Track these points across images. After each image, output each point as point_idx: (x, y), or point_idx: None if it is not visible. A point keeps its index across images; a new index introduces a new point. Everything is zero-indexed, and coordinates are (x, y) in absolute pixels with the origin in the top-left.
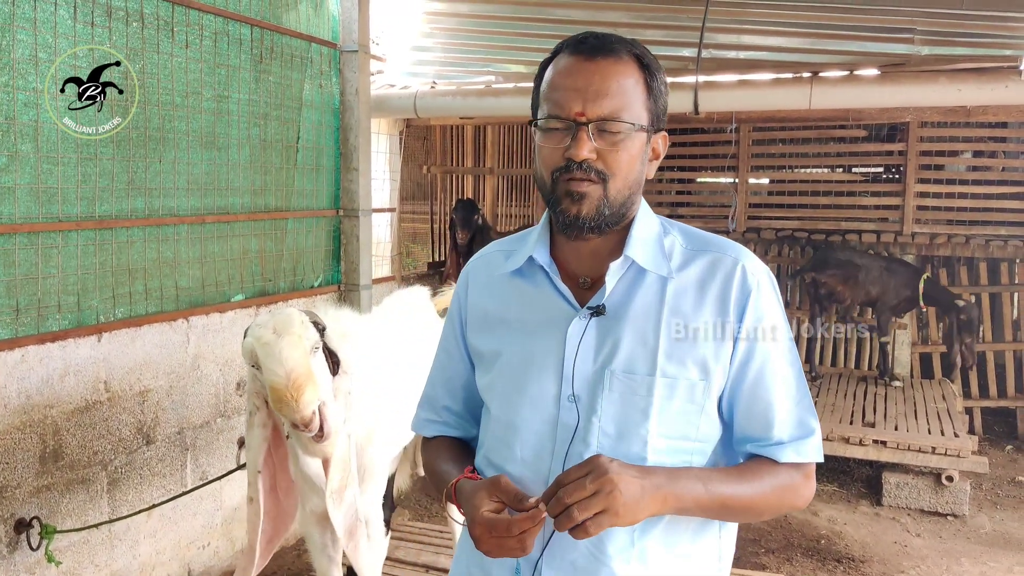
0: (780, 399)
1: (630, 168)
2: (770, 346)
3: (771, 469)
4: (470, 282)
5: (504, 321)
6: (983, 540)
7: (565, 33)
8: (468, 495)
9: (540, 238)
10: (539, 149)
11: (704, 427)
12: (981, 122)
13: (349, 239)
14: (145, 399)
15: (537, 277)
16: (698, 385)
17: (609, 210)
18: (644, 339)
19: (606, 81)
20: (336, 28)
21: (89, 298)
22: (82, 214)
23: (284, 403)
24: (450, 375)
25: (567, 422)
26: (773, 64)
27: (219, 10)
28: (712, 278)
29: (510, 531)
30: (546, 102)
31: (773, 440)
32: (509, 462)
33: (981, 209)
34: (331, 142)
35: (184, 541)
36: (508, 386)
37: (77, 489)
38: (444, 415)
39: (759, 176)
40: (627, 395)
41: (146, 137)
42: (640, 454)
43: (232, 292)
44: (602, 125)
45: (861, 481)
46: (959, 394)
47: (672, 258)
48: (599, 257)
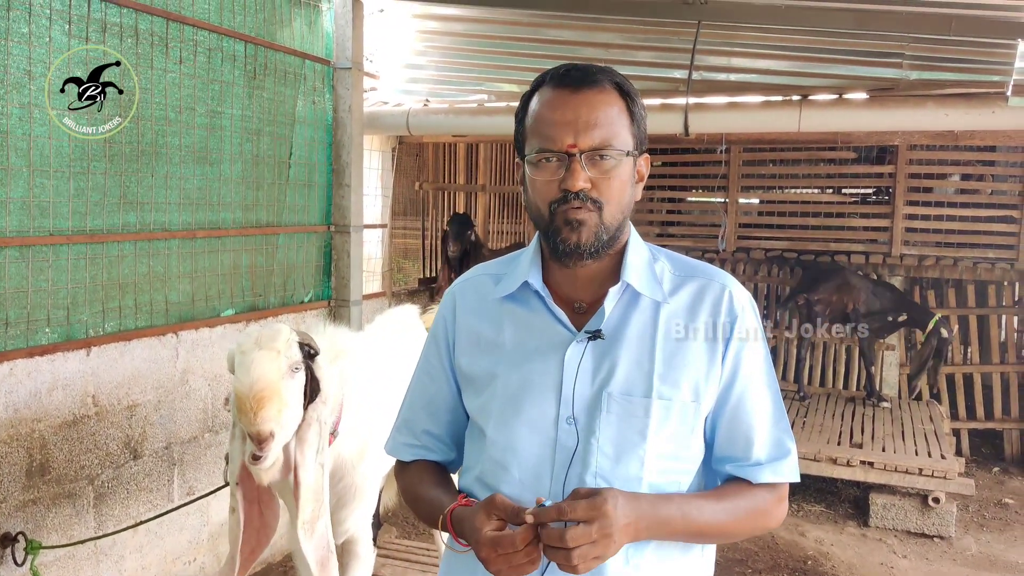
0: (760, 421)
1: (622, 193)
2: (752, 369)
3: (746, 493)
4: (458, 305)
5: (498, 345)
6: (969, 562)
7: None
8: (468, 520)
9: (533, 263)
10: (531, 182)
11: (694, 447)
12: (969, 146)
13: (340, 255)
14: (133, 413)
15: (531, 302)
16: (690, 406)
17: (607, 235)
18: (640, 362)
19: (594, 112)
20: (330, 45)
21: (79, 312)
22: (74, 228)
23: (243, 413)
24: (432, 398)
25: (566, 444)
26: (763, 87)
27: (213, 26)
28: (701, 303)
29: (515, 545)
30: (535, 136)
31: (751, 461)
32: (506, 484)
33: (969, 232)
34: (323, 158)
35: (170, 556)
36: (505, 409)
37: (63, 503)
38: (424, 439)
39: (749, 196)
40: (625, 417)
41: (139, 151)
42: (637, 474)
43: (222, 307)
44: (594, 155)
45: (848, 502)
46: (946, 416)
47: (663, 283)
48: (594, 282)
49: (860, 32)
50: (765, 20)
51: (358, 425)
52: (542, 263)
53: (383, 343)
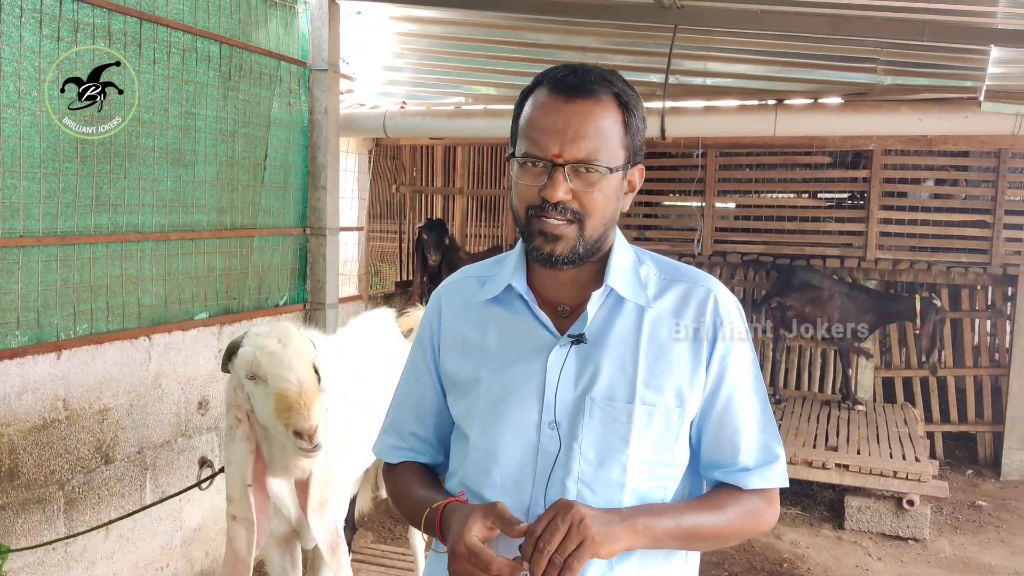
0: (747, 426)
1: (605, 207)
2: (739, 374)
3: (736, 497)
4: (443, 308)
5: (482, 348)
6: (943, 564)
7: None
8: (459, 516)
9: (517, 266)
10: (515, 183)
11: (679, 453)
12: (943, 151)
13: (316, 258)
14: (105, 418)
15: (515, 305)
16: (674, 412)
17: (584, 248)
18: (623, 367)
19: (584, 123)
20: (306, 47)
21: (50, 315)
22: (45, 230)
23: (295, 412)
24: (418, 401)
25: (548, 449)
26: (739, 91)
27: (188, 27)
28: (686, 307)
29: (488, 568)
30: (524, 139)
31: (739, 466)
32: (487, 488)
33: (943, 236)
34: (299, 160)
35: (142, 563)
36: (488, 413)
37: (33, 509)
38: (411, 441)
39: (725, 200)
40: (607, 422)
41: (112, 153)
42: (620, 480)
43: (196, 310)
44: (579, 167)
45: (824, 504)
46: (920, 419)
47: (648, 287)
48: (577, 286)
49: (835, 37)
50: (741, 25)
51: (331, 428)
52: (527, 266)
53: (357, 346)
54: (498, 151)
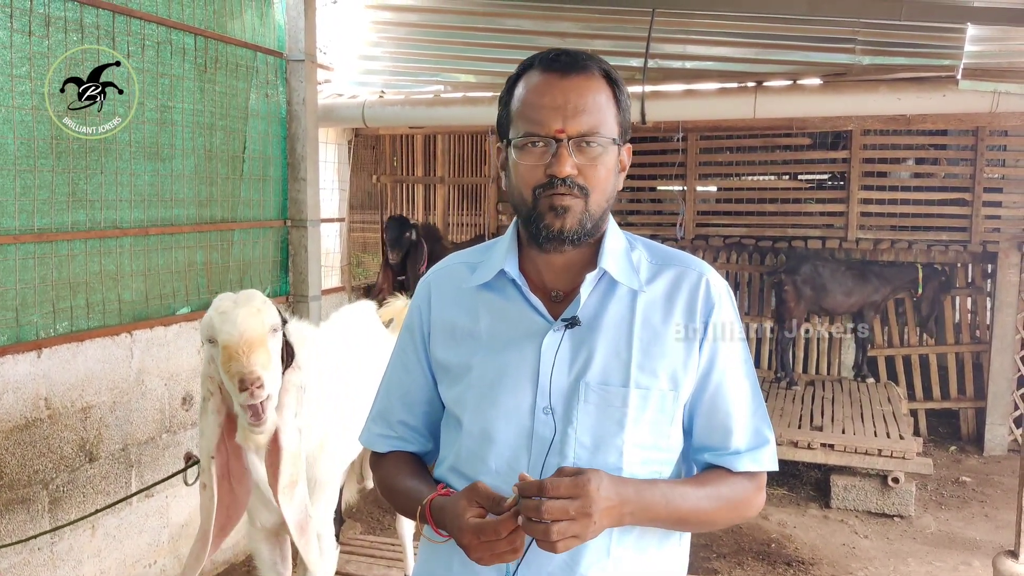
0: (738, 410)
1: (607, 181)
2: (730, 358)
3: (726, 481)
4: (433, 295)
5: (474, 334)
6: (929, 540)
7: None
8: (449, 508)
9: (509, 251)
10: (515, 166)
11: (673, 437)
12: (922, 130)
13: (297, 250)
14: (87, 416)
15: (507, 290)
16: (668, 395)
17: (590, 223)
18: (617, 351)
19: (583, 97)
20: (282, 37)
21: (29, 313)
22: (21, 227)
23: (234, 360)
24: (408, 389)
25: (543, 434)
26: (718, 74)
27: (162, 19)
28: (678, 291)
29: (498, 532)
30: (521, 120)
31: (731, 449)
32: (483, 474)
33: (923, 215)
34: (278, 152)
35: (129, 560)
36: (481, 399)
37: (17, 509)
38: (400, 430)
39: (707, 184)
40: (602, 406)
41: (87, 148)
42: (616, 464)
43: (177, 305)
44: (582, 141)
45: (810, 484)
46: (904, 397)
47: (640, 272)
48: (571, 270)
49: (813, 18)
50: (719, 7)
51: (317, 419)
52: (519, 251)
53: (340, 338)
54: (478, 139)
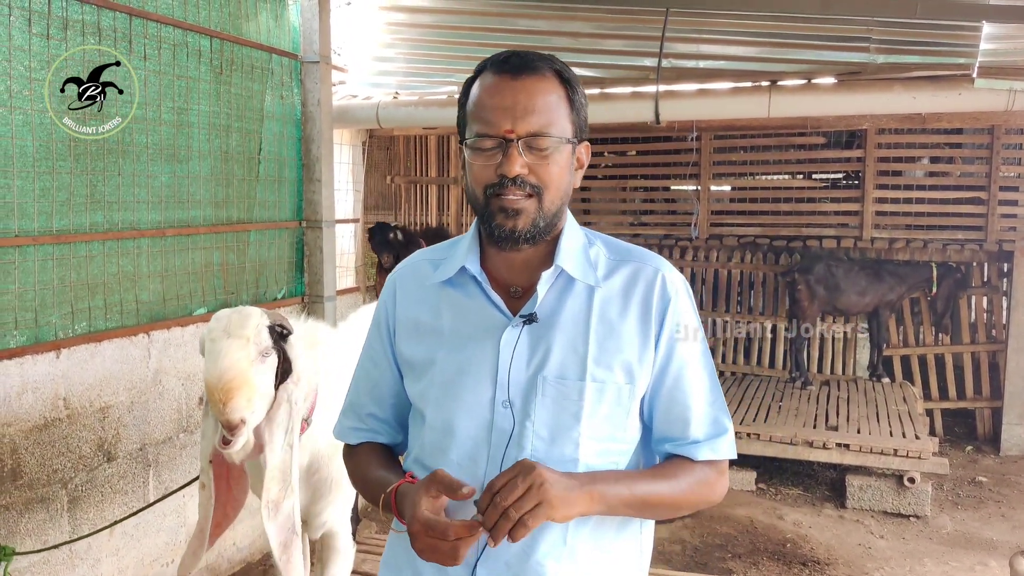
0: (696, 400)
1: (560, 179)
2: (688, 350)
3: (688, 467)
4: (398, 291)
5: (436, 330)
6: (945, 540)
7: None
8: (409, 496)
9: (471, 248)
10: (470, 166)
11: (630, 429)
12: (937, 129)
13: (312, 250)
14: (106, 415)
15: (469, 287)
16: (624, 389)
17: (544, 221)
18: (574, 346)
19: (532, 98)
20: (297, 39)
21: (48, 314)
22: (40, 229)
23: (213, 403)
24: (376, 383)
25: (502, 427)
26: (732, 73)
27: (178, 22)
28: (635, 287)
29: (446, 535)
30: (475, 121)
31: (690, 439)
32: (443, 466)
33: (938, 214)
34: (293, 153)
35: (147, 559)
36: (443, 393)
37: (36, 508)
38: (370, 422)
39: (721, 183)
40: (559, 400)
41: (105, 150)
42: (572, 456)
43: (194, 306)
44: (531, 141)
45: (825, 484)
46: (919, 396)
47: (598, 268)
48: (530, 267)
49: (827, 16)
50: (733, 6)
51: (333, 418)
52: (480, 248)
53: (356, 338)
54: None
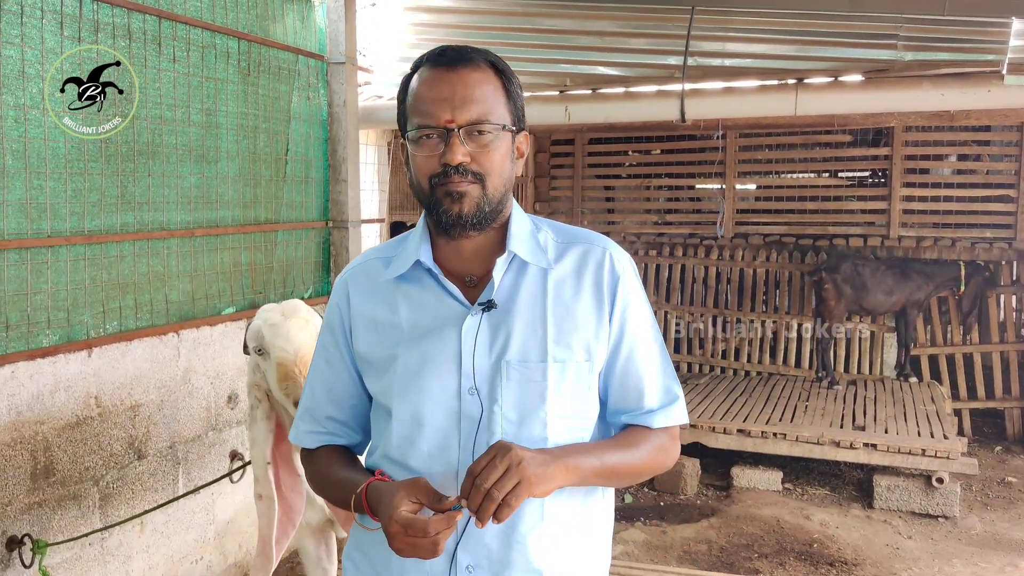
0: (649, 372)
1: (502, 166)
2: (638, 325)
3: (647, 435)
4: (351, 291)
5: (395, 325)
6: (974, 541)
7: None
8: (386, 496)
9: (422, 242)
10: (413, 158)
11: (590, 404)
12: (965, 126)
13: (339, 250)
14: (136, 414)
15: (424, 280)
16: (584, 366)
17: (489, 207)
18: (534, 328)
19: (469, 88)
20: (323, 40)
21: (79, 313)
22: (72, 229)
23: (291, 379)
24: (332, 385)
25: (471, 414)
26: (759, 71)
27: (206, 23)
28: (585, 267)
29: (426, 532)
30: (415, 114)
31: (645, 409)
32: (413, 458)
33: (966, 212)
34: (319, 154)
35: (177, 556)
36: (408, 386)
37: (69, 505)
38: (328, 425)
39: (746, 182)
40: (524, 382)
41: (135, 151)
42: (541, 435)
43: (222, 305)
44: (471, 129)
45: (852, 484)
46: (947, 396)
47: (548, 251)
48: (481, 255)
49: (854, 14)
50: (759, 4)
51: None
52: (431, 242)
53: None
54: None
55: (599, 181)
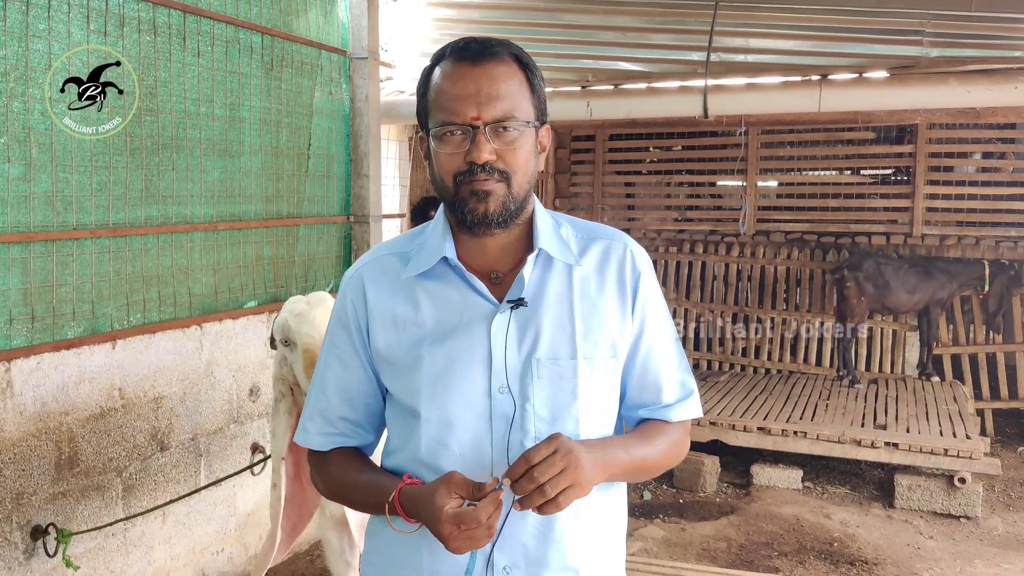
0: (667, 367)
1: (527, 163)
2: (657, 320)
3: (665, 430)
4: (368, 287)
5: (417, 323)
6: (996, 542)
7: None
8: (425, 497)
9: (445, 238)
10: (436, 155)
11: (615, 400)
12: (990, 123)
13: (360, 245)
14: (159, 406)
15: (448, 276)
16: (610, 363)
17: (514, 205)
18: (562, 325)
19: (495, 84)
20: (345, 35)
21: (104, 305)
22: (97, 222)
23: None
24: (346, 384)
25: (503, 413)
26: (782, 67)
27: (230, 18)
28: (608, 263)
29: (479, 521)
30: (438, 110)
31: (663, 403)
32: (446, 459)
33: (991, 210)
34: (342, 149)
35: (198, 547)
36: (435, 386)
37: (92, 496)
38: (341, 426)
39: (768, 179)
40: (555, 380)
41: (160, 145)
42: (574, 432)
43: (245, 299)
44: (498, 127)
45: (873, 483)
46: (970, 396)
47: (571, 247)
48: (507, 252)
49: (880, 9)
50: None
51: None
52: (452, 238)
53: None
54: None
55: (619, 177)
